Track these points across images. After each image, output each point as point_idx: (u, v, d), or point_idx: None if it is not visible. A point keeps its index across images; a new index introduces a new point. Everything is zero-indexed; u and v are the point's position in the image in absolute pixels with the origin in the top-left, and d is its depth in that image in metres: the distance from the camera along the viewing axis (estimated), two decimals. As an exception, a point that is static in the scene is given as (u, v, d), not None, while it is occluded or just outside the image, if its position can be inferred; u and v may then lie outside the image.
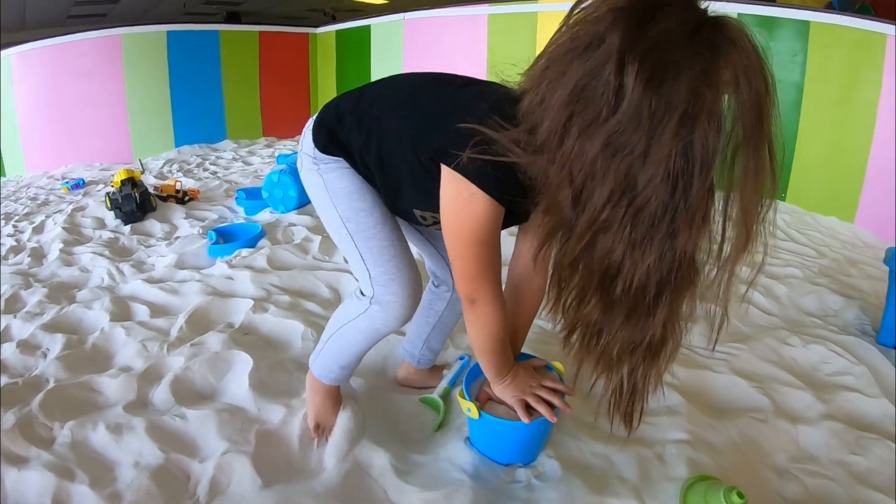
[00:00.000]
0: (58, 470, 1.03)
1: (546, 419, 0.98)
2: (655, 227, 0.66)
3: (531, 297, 1.04)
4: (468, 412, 1.01)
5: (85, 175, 4.09)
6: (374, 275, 0.99)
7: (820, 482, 1.14)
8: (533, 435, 1.06)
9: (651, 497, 1.03)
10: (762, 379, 1.48)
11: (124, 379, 1.33)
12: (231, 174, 3.78)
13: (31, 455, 1.08)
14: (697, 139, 0.61)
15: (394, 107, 0.94)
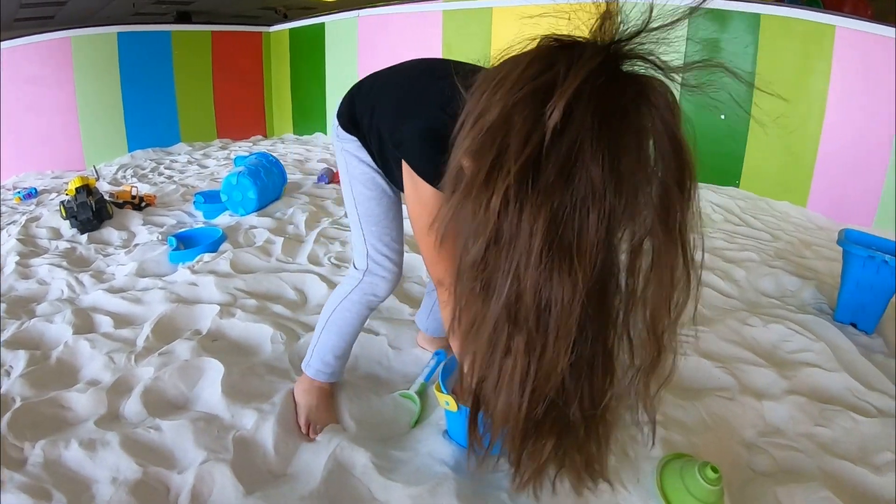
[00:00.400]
0: (33, 491, 0.99)
1: None
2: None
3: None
4: (446, 405, 1.02)
5: (36, 184, 3.90)
6: (370, 252, 1.13)
7: (788, 454, 1.18)
8: None
9: (628, 477, 1.05)
10: (726, 359, 1.52)
11: (93, 393, 1.28)
12: (187, 178, 3.67)
13: (4, 478, 1.03)
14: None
15: (388, 91, 1.01)
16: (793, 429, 1.26)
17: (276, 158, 2.95)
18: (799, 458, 1.17)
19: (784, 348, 1.60)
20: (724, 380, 1.42)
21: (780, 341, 1.62)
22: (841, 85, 2.99)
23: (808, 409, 1.31)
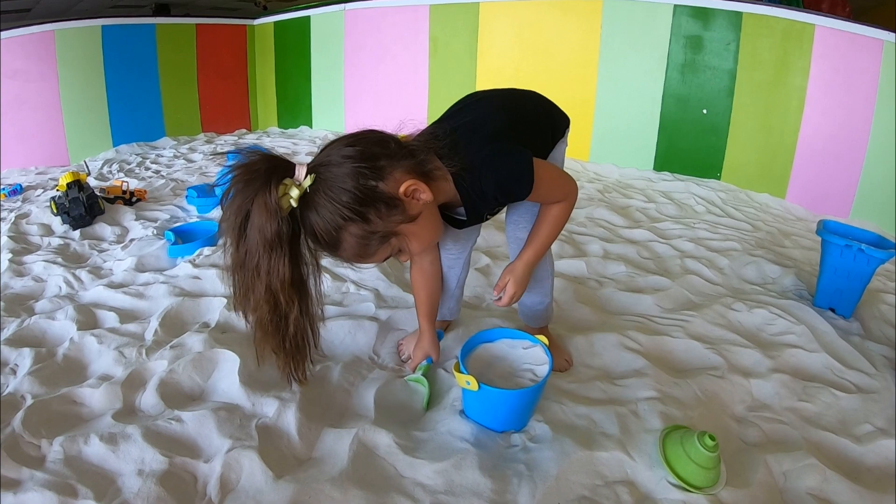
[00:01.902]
0: (57, 487, 0.97)
1: (540, 385, 1.08)
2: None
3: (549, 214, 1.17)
4: (467, 385, 1.06)
5: (21, 180, 3.80)
6: None
7: (775, 426, 1.25)
8: (529, 400, 1.13)
9: (633, 447, 1.11)
10: (714, 341, 1.59)
11: (107, 388, 1.26)
12: (175, 172, 3.60)
13: (24, 476, 1.01)
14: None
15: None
16: (778, 404, 1.34)
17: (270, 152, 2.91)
18: (785, 430, 1.24)
19: (767, 331, 1.67)
20: (713, 359, 1.49)
21: (763, 324, 1.69)
22: (819, 81, 3.07)
23: (792, 386, 1.39)
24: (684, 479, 1.03)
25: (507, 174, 1.01)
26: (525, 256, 1.18)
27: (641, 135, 3.70)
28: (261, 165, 0.88)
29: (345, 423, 1.14)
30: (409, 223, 0.95)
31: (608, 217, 2.64)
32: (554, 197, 1.13)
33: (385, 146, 0.95)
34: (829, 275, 1.78)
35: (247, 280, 0.93)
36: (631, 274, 2.02)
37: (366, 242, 0.93)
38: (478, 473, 1.00)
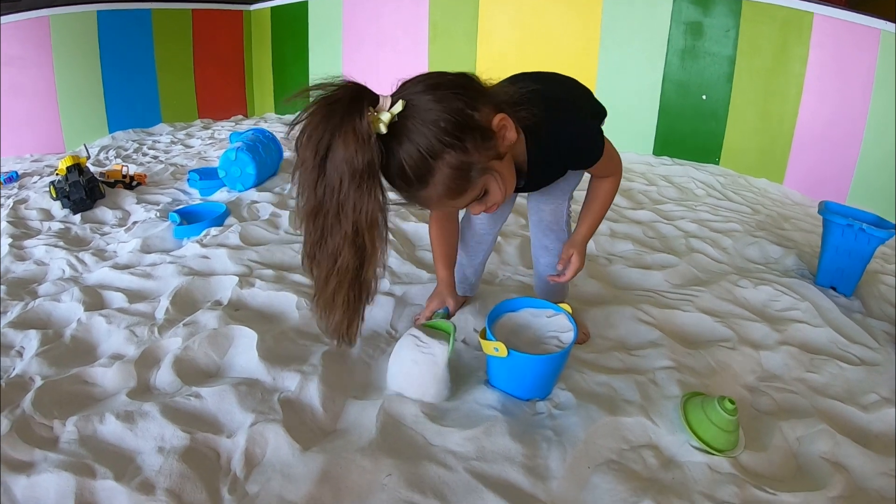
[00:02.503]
0: (74, 468, 0.92)
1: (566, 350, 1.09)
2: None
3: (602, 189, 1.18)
4: (495, 351, 1.04)
5: (16, 167, 3.71)
6: None
7: (786, 396, 1.28)
8: (556, 366, 1.13)
9: (655, 413, 1.13)
10: (723, 315, 1.61)
11: (120, 366, 1.21)
12: (174, 157, 3.52)
13: (37, 458, 0.96)
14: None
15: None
16: (788, 374, 1.37)
17: (273, 134, 2.86)
18: (795, 398, 1.27)
19: (773, 307, 1.69)
20: (724, 332, 1.52)
21: (769, 300, 1.72)
22: (817, 69, 3.07)
23: (800, 358, 1.42)
24: (707, 441, 1.04)
25: (584, 137, 1.01)
26: (583, 231, 1.19)
27: (641, 119, 3.68)
28: (343, 94, 0.79)
29: (368, 395, 1.11)
30: (498, 161, 0.88)
31: (612, 198, 2.62)
32: (609, 170, 1.12)
33: (471, 81, 0.87)
34: (830, 254, 1.80)
35: (325, 224, 0.85)
36: (639, 252, 2.01)
37: (460, 175, 0.83)
38: (508, 439, 1.00)
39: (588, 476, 0.97)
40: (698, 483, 0.98)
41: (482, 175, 0.86)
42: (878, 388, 1.32)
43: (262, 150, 2.57)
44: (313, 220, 0.86)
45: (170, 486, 0.88)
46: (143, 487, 0.89)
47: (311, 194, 0.83)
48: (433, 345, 1.10)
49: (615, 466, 0.99)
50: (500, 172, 0.89)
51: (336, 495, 0.87)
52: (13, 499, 0.89)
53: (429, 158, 0.80)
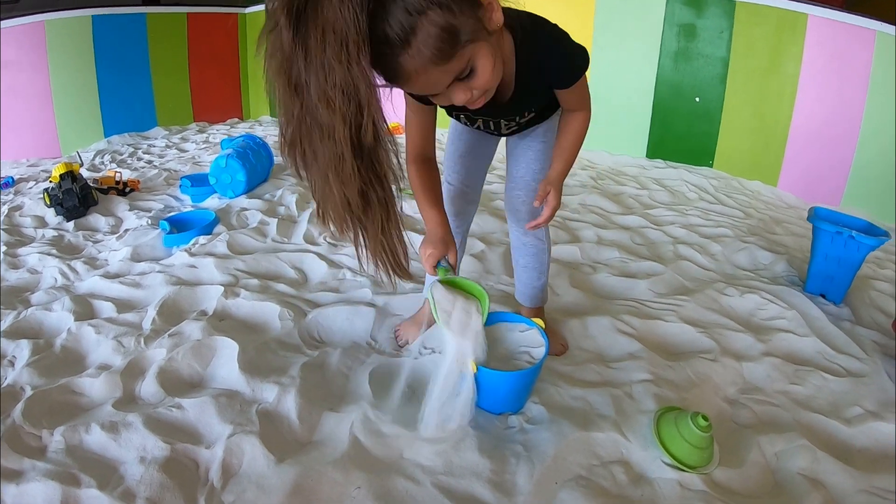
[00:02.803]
0: (60, 477, 0.97)
1: (536, 367, 1.10)
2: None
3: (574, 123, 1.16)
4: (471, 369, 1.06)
5: (12, 172, 3.76)
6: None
7: (767, 409, 1.28)
8: (526, 382, 1.15)
9: (628, 428, 1.14)
10: (707, 325, 1.61)
11: (106, 377, 1.26)
12: (168, 162, 3.58)
13: (26, 467, 1.01)
14: None
15: None
16: (770, 386, 1.36)
17: (263, 140, 2.90)
18: (777, 412, 1.27)
19: (759, 316, 1.69)
20: (706, 343, 1.52)
21: (755, 309, 1.72)
22: (812, 70, 3.09)
23: (784, 370, 1.41)
24: (678, 458, 1.05)
25: (570, 46, 1.01)
26: (558, 167, 1.16)
27: (634, 122, 3.71)
28: None
29: (344, 407, 1.15)
30: (486, 38, 0.81)
31: (601, 203, 2.65)
32: (582, 101, 1.12)
33: None
34: (819, 261, 1.80)
35: (305, 109, 0.73)
36: (624, 259, 2.03)
37: (446, 38, 0.75)
38: (476, 454, 1.02)
39: (555, 492, 0.99)
40: (667, 500, 1.00)
41: (469, 44, 0.79)
42: (864, 401, 1.31)
43: (253, 157, 2.62)
44: (291, 100, 0.73)
45: (150, 495, 0.93)
46: (125, 496, 0.94)
47: (286, 75, 0.71)
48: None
49: (583, 483, 1.01)
50: (485, 53, 0.82)
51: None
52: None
53: (412, 14, 0.72)
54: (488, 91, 0.88)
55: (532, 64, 1.00)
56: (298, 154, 0.79)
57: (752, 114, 3.33)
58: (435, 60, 0.76)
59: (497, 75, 0.86)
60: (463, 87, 0.85)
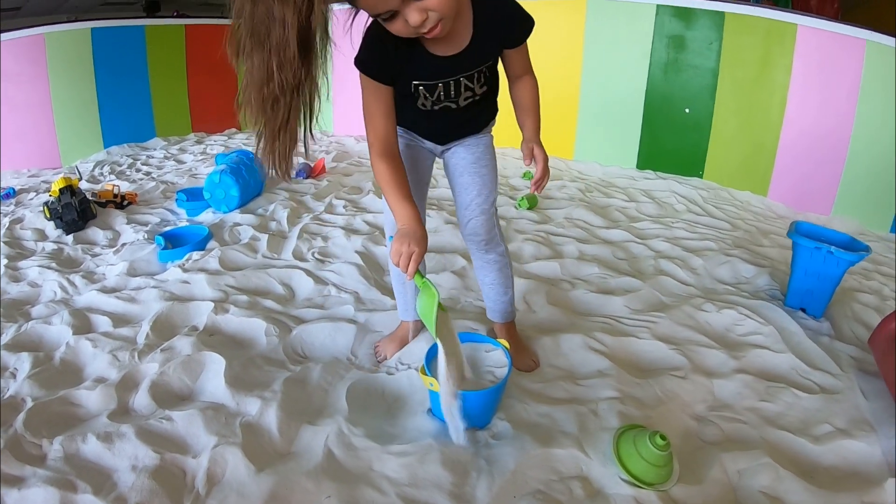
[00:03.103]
0: (58, 483, 1.07)
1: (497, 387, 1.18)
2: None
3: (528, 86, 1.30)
4: (430, 386, 1.17)
5: (13, 183, 3.87)
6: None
7: (734, 426, 1.32)
8: (488, 400, 1.22)
9: (589, 445, 1.20)
10: (680, 342, 1.65)
11: (102, 390, 1.37)
12: (165, 174, 3.69)
13: (27, 474, 1.11)
14: None
15: None
16: (739, 403, 1.39)
17: (257, 156, 3.01)
18: (744, 429, 1.30)
19: (735, 332, 1.73)
20: (677, 360, 1.56)
21: (732, 325, 1.76)
22: (801, 80, 3.14)
23: (755, 386, 1.45)
24: (635, 475, 1.10)
25: (520, 8, 1.15)
26: (532, 126, 1.28)
27: (625, 133, 3.78)
28: None
29: (321, 421, 1.25)
30: None
31: (587, 217, 2.73)
32: (528, 63, 1.27)
33: None
34: (799, 276, 1.84)
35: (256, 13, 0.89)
36: (603, 275, 2.08)
37: None
38: (440, 467, 1.11)
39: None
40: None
41: None
42: (834, 419, 1.33)
43: (246, 173, 2.73)
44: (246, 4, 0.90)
45: (140, 500, 1.04)
46: (118, 501, 1.04)
47: None
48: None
49: (541, 497, 1.07)
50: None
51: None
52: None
53: None
54: (443, 21, 0.96)
55: (487, 12, 1.10)
56: (243, 42, 0.93)
57: (741, 124, 3.40)
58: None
59: (452, 4, 0.95)
60: (418, 7, 0.92)
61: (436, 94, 1.17)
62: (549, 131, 3.87)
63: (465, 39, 1.10)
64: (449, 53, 1.10)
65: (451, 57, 1.10)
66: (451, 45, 1.09)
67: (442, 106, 1.20)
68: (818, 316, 1.84)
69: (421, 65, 1.10)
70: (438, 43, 1.08)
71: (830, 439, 1.26)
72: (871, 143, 2.98)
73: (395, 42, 1.05)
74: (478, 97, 1.23)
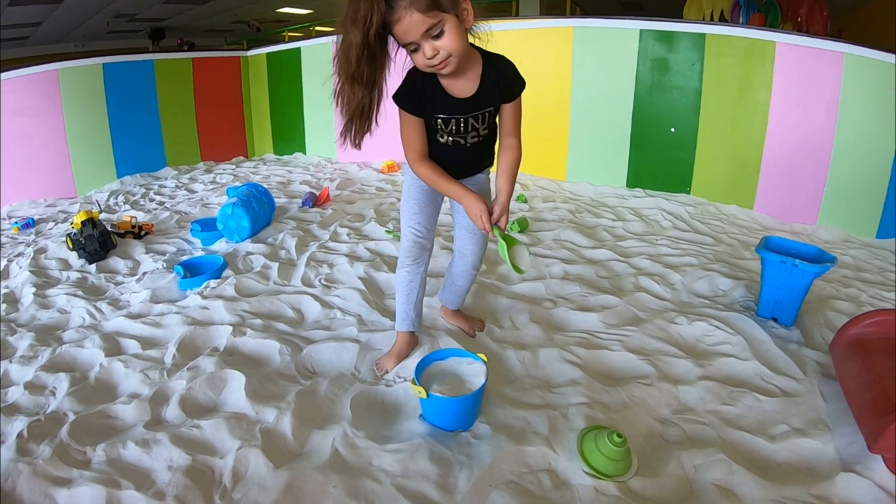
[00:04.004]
0: (104, 482, 1.25)
1: (475, 394, 1.40)
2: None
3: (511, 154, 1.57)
4: (419, 394, 1.39)
5: (31, 212, 4.11)
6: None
7: (695, 427, 1.45)
8: (467, 405, 1.44)
9: (558, 444, 1.37)
10: (650, 353, 1.80)
11: (137, 404, 1.57)
12: (178, 204, 3.94)
13: (74, 476, 1.29)
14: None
15: None
16: (702, 407, 1.53)
17: (265, 188, 3.26)
18: (704, 430, 1.44)
19: (705, 342, 1.87)
20: (645, 369, 1.71)
21: (702, 336, 1.90)
22: (782, 95, 3.33)
23: (717, 391, 1.58)
24: (596, 468, 1.28)
25: (517, 70, 1.50)
26: (507, 190, 1.53)
27: (614, 153, 3.98)
28: None
29: (329, 426, 1.47)
30: (456, 18, 1.29)
31: (574, 238, 2.92)
32: (519, 126, 1.56)
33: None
34: (768, 288, 1.98)
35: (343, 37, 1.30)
36: (584, 294, 2.25)
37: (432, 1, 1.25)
38: (428, 462, 1.32)
39: (489, 493, 1.23)
40: (583, 502, 1.20)
41: (445, 13, 1.26)
42: (792, 419, 1.45)
43: (256, 205, 2.98)
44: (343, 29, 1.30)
45: (176, 494, 1.25)
46: (157, 496, 1.25)
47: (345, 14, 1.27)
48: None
49: (513, 486, 1.24)
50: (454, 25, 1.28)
51: (296, 501, 1.23)
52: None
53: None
54: (450, 59, 1.31)
55: (493, 68, 1.45)
56: (338, 57, 1.33)
57: (726, 141, 3.58)
58: (420, 7, 1.22)
59: (458, 48, 1.30)
60: (432, 44, 1.28)
61: (450, 128, 1.49)
62: (542, 154, 4.15)
63: (474, 87, 1.45)
64: (462, 97, 1.45)
65: (464, 99, 1.45)
66: (464, 90, 1.45)
67: (454, 140, 1.52)
68: (788, 325, 1.97)
69: (442, 103, 1.45)
70: (455, 88, 1.44)
71: (786, 438, 1.39)
72: (852, 152, 3.15)
73: (424, 85, 1.42)
74: (481, 137, 1.54)
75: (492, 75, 1.44)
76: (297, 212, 3.54)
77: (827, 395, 1.58)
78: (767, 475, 1.28)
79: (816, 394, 1.58)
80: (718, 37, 3.51)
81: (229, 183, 4.48)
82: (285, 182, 4.49)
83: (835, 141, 3.20)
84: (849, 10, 5.38)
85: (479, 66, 1.44)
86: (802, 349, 1.83)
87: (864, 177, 3.15)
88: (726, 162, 3.62)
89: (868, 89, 3.08)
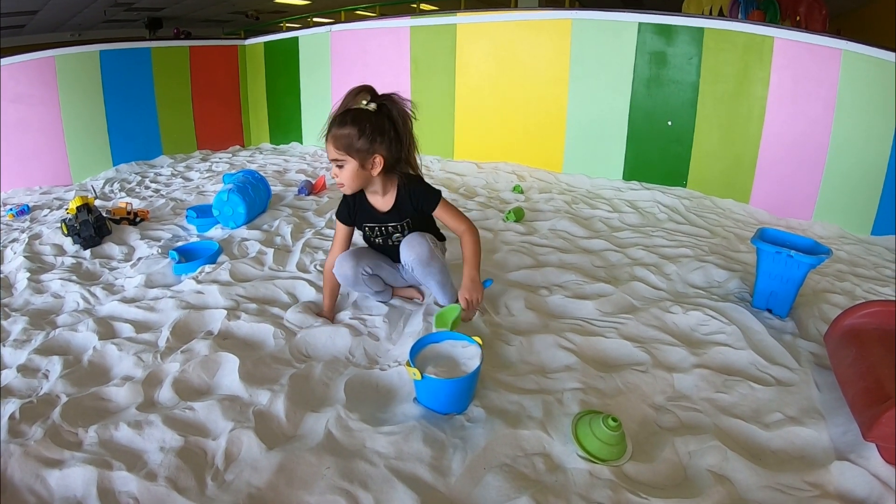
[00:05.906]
0: (96, 463, 1.24)
1: (469, 376, 1.40)
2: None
3: (467, 242, 1.80)
4: (413, 376, 1.38)
5: (26, 200, 4.08)
6: None
7: (690, 414, 1.46)
8: (461, 388, 1.43)
9: (552, 428, 1.37)
10: (645, 340, 1.81)
11: (130, 386, 1.56)
12: (174, 191, 3.92)
13: (66, 457, 1.28)
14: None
15: None
16: (697, 395, 1.54)
17: (262, 175, 3.24)
18: (699, 417, 1.44)
19: (700, 331, 1.87)
20: (640, 356, 1.71)
21: (697, 325, 1.90)
22: (779, 91, 3.34)
23: (712, 380, 1.59)
24: (590, 452, 1.28)
25: (428, 188, 1.81)
26: (472, 274, 1.74)
27: (611, 146, 3.99)
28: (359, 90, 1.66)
29: (323, 409, 1.45)
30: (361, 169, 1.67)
31: (570, 228, 2.93)
32: (461, 220, 1.80)
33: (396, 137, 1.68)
34: (763, 279, 1.98)
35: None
36: (580, 282, 2.25)
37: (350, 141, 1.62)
38: (422, 444, 1.31)
39: (483, 475, 1.23)
40: (577, 486, 1.20)
41: (353, 155, 1.63)
42: (786, 408, 1.46)
43: (252, 191, 2.95)
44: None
45: (168, 475, 1.23)
46: (149, 476, 1.23)
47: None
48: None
49: (507, 469, 1.24)
50: (355, 172, 1.66)
51: (288, 482, 1.22)
52: (49, 487, 1.23)
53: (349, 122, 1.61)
54: (345, 186, 1.71)
55: (406, 190, 1.77)
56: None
57: (722, 135, 3.59)
58: (336, 136, 1.62)
59: (349, 183, 1.70)
60: (335, 170, 1.69)
61: (375, 233, 1.87)
62: (539, 146, 4.16)
63: (390, 204, 1.80)
64: (382, 210, 1.81)
65: (384, 212, 1.81)
66: (383, 206, 1.81)
67: (382, 240, 1.89)
68: (783, 316, 1.98)
69: (366, 215, 1.84)
70: (377, 203, 1.81)
71: (780, 426, 1.39)
72: (849, 148, 3.16)
73: (354, 202, 1.82)
74: (404, 236, 1.83)
75: (405, 194, 1.77)
76: (293, 199, 3.53)
77: (821, 385, 1.59)
78: (762, 462, 1.29)
79: (811, 383, 1.59)
80: (717, 31, 3.51)
81: (225, 171, 4.46)
82: (281, 171, 4.47)
83: (831, 137, 3.22)
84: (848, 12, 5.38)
85: (394, 188, 1.78)
86: (797, 340, 1.84)
87: (860, 173, 3.17)
88: (723, 156, 3.63)
89: (865, 86, 3.09)
